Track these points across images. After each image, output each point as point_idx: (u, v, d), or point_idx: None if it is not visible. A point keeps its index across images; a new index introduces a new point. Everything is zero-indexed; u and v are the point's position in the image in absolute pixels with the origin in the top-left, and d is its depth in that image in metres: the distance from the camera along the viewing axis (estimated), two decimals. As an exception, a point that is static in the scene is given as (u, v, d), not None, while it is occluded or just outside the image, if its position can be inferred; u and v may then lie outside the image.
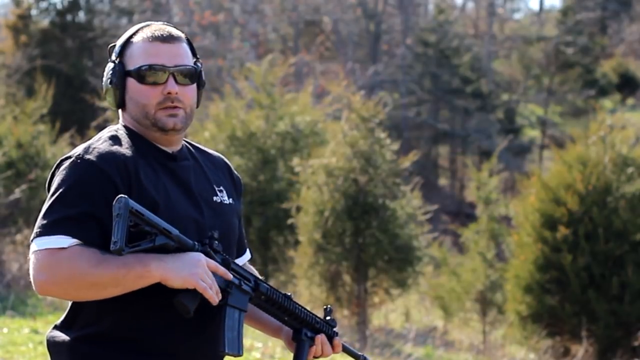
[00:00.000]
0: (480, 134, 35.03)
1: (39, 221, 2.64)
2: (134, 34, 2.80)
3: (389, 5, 39.73)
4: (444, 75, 35.68)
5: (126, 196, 2.56)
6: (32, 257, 2.62)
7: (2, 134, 13.95)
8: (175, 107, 2.76)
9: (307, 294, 12.62)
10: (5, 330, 8.93)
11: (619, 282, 11.30)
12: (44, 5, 27.97)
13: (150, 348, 2.70)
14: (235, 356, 2.76)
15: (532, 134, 39.79)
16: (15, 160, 13.67)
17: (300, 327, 2.93)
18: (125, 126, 2.81)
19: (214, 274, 2.68)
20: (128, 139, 2.76)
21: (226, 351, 2.74)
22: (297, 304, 2.92)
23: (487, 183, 14.71)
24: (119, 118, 2.87)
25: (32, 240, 2.63)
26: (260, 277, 2.86)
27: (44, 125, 14.61)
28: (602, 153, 11.87)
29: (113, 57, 2.80)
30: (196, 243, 2.68)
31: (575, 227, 11.57)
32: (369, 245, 12.44)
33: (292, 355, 2.98)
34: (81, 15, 28.35)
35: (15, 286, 11.49)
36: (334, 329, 3.01)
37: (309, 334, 2.94)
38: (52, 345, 2.75)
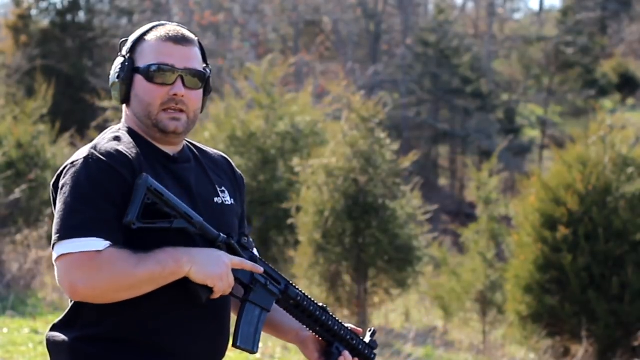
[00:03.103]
0: (480, 134, 35.02)
1: (61, 223, 2.59)
2: (148, 31, 2.79)
3: (389, 5, 39.72)
4: (444, 75, 35.66)
5: (147, 175, 2.60)
6: (63, 261, 2.57)
7: (2, 134, 13.94)
8: (180, 110, 2.75)
9: (307, 294, 12.61)
10: (5, 330, 8.93)
11: (619, 282, 11.30)
12: (44, 5, 27.97)
13: (153, 349, 2.69)
14: (249, 352, 2.76)
15: (532, 134, 39.78)
16: (15, 160, 13.66)
17: (333, 341, 2.89)
18: (127, 127, 2.80)
19: (237, 271, 2.71)
20: (130, 140, 2.75)
21: (239, 345, 2.74)
22: (333, 316, 2.89)
23: (487, 183, 14.70)
24: (121, 118, 2.87)
25: (56, 243, 2.58)
26: (293, 284, 2.84)
27: (44, 125, 14.61)
28: (602, 153, 11.87)
29: (123, 52, 2.78)
30: (221, 234, 2.71)
31: (575, 227, 11.56)
32: (369, 245, 12.43)
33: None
34: (81, 15, 28.35)
35: (15, 286, 11.48)
36: (374, 351, 2.94)
37: (340, 348, 2.89)
38: (52, 344, 2.74)
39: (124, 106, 2.83)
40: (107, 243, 2.57)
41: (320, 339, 2.91)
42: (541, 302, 11.70)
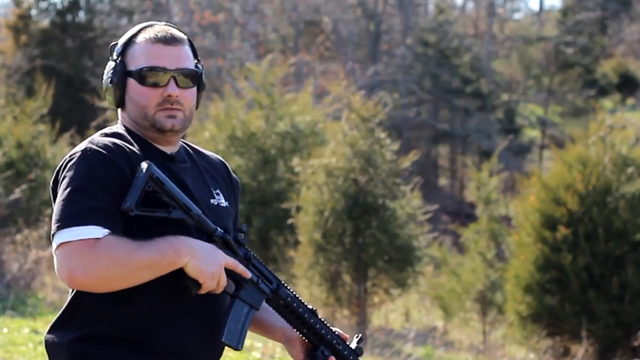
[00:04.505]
0: (480, 134, 35.03)
1: (60, 213, 2.59)
2: (137, 34, 2.80)
3: (389, 5, 39.73)
4: (444, 75, 35.68)
5: (150, 162, 2.61)
6: (62, 250, 2.57)
7: (2, 134, 13.94)
8: (175, 108, 2.77)
9: (307, 294, 12.62)
10: (5, 330, 8.92)
11: (619, 282, 11.30)
12: (44, 5, 27.97)
13: (151, 348, 2.69)
14: (233, 349, 2.74)
15: (532, 134, 39.79)
16: (15, 160, 13.66)
17: (319, 345, 2.88)
18: (124, 126, 2.82)
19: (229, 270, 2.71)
20: (128, 137, 2.77)
21: (224, 340, 2.72)
22: (321, 320, 2.88)
23: (487, 183, 14.71)
24: (118, 118, 2.88)
25: (56, 233, 2.59)
26: (285, 284, 2.84)
27: (44, 125, 14.61)
28: (602, 153, 11.87)
29: (114, 56, 2.80)
30: (218, 228, 2.71)
31: (575, 227, 11.56)
32: (369, 245, 12.43)
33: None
34: (81, 15, 28.34)
35: (15, 286, 11.48)
36: (358, 358, 2.94)
37: (326, 352, 2.88)
38: (50, 346, 2.74)
39: (119, 110, 2.85)
40: (106, 231, 2.57)
41: (307, 341, 2.91)
42: (541, 302, 11.70)
